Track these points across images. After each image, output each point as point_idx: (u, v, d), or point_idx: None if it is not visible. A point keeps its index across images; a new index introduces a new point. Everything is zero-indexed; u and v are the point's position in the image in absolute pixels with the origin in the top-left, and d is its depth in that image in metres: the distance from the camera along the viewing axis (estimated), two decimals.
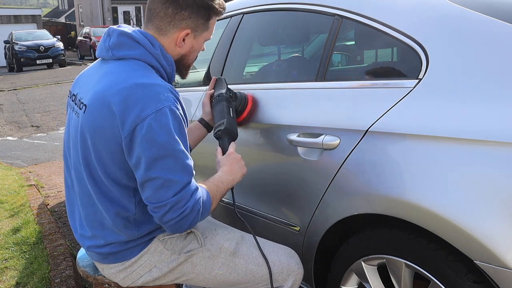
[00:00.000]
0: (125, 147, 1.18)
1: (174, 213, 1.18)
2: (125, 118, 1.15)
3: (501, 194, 1.00)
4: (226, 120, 1.54)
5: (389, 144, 1.23)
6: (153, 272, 1.36)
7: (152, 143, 1.15)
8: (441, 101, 1.17)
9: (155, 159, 1.16)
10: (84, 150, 1.26)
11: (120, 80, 1.20)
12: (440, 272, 1.15)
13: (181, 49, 1.34)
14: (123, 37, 1.27)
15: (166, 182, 1.17)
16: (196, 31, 1.32)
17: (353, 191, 1.33)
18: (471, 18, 1.23)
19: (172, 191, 1.17)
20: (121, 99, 1.16)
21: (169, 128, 1.16)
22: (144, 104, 1.15)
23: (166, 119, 1.16)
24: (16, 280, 2.34)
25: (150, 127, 1.14)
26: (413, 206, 1.15)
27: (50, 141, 6.64)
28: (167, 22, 1.28)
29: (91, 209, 1.31)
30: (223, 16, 2.15)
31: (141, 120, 1.14)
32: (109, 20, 24.57)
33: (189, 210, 1.20)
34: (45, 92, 11.17)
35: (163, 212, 1.18)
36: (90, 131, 1.23)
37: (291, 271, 1.44)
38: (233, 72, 2.05)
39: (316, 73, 1.58)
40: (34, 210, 3.42)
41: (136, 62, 1.26)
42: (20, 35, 18.00)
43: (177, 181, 1.18)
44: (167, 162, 1.16)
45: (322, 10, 1.61)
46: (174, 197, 1.17)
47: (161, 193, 1.17)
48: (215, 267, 1.39)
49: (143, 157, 1.16)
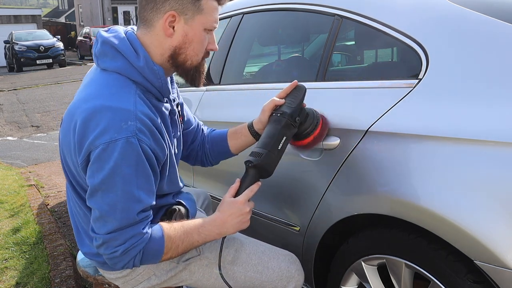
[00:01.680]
0: (82, 171, 1.14)
1: (106, 250, 1.14)
2: (82, 143, 1.10)
3: (501, 194, 1.00)
4: (267, 154, 1.25)
5: (389, 144, 1.23)
6: (152, 280, 1.35)
7: (97, 173, 1.08)
8: (441, 101, 1.17)
9: (96, 190, 1.10)
10: (65, 163, 1.26)
11: (91, 96, 1.13)
12: (440, 272, 1.15)
13: (172, 39, 1.17)
14: (106, 46, 1.17)
15: (102, 217, 1.11)
16: (185, 13, 1.15)
17: (353, 191, 1.33)
18: (471, 18, 1.23)
19: (106, 228, 1.11)
20: (82, 121, 1.09)
21: (117, 163, 1.07)
22: (101, 130, 1.07)
23: (117, 153, 1.06)
24: (16, 280, 2.34)
25: (98, 157, 1.07)
26: (413, 206, 1.15)
27: (50, 141, 6.64)
28: (150, 9, 1.15)
29: (82, 218, 1.30)
30: (223, 16, 2.16)
31: (94, 147, 1.07)
32: (109, 20, 24.57)
33: (120, 253, 1.12)
34: (45, 92, 11.17)
35: (97, 245, 1.15)
36: (62, 146, 1.22)
37: (291, 278, 1.41)
38: (233, 72, 2.05)
39: (316, 73, 1.57)
40: (34, 210, 3.42)
41: (116, 77, 1.15)
42: (20, 35, 18.00)
43: (113, 220, 1.11)
44: (108, 197, 1.09)
45: (322, 10, 1.61)
46: (107, 234, 1.11)
47: (97, 225, 1.13)
48: (213, 275, 1.37)
49: (89, 183, 1.11)
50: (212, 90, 2.06)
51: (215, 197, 2.03)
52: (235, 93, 1.92)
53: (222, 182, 1.98)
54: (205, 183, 2.11)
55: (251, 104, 1.78)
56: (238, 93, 1.90)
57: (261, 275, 1.39)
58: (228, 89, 1.98)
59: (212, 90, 2.06)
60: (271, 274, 1.38)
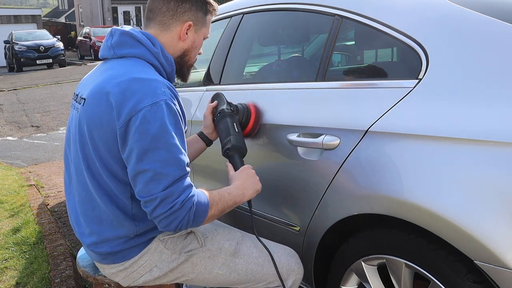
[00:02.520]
0: (119, 138, 1.19)
1: (163, 208, 1.16)
2: (121, 109, 1.17)
3: (501, 194, 1.00)
4: (232, 137, 1.50)
5: (389, 144, 1.23)
6: (154, 272, 1.36)
7: (145, 135, 1.15)
8: (441, 101, 1.17)
9: (146, 150, 1.16)
10: (83, 144, 1.27)
11: (119, 74, 1.23)
12: (440, 272, 1.15)
13: (184, 43, 1.38)
14: (125, 36, 1.32)
15: (156, 175, 1.16)
16: (197, 25, 1.38)
17: (353, 191, 1.33)
18: (471, 18, 1.23)
19: (162, 185, 1.16)
20: (119, 91, 1.19)
21: (163, 121, 1.17)
22: (140, 96, 1.17)
23: (161, 112, 1.17)
24: (16, 280, 2.34)
25: (144, 119, 1.15)
26: (413, 206, 1.15)
27: (50, 141, 6.64)
28: (170, 16, 1.34)
29: (89, 204, 1.31)
30: (223, 16, 2.16)
31: (136, 112, 1.16)
32: (109, 20, 24.57)
33: (179, 206, 1.17)
34: (45, 92, 11.16)
35: (153, 207, 1.17)
36: (88, 123, 1.25)
37: (291, 271, 1.45)
38: (233, 72, 2.05)
39: (316, 73, 1.58)
40: (34, 210, 3.42)
41: (136, 60, 1.30)
42: (20, 35, 17.99)
43: (168, 175, 1.16)
44: (159, 155, 1.16)
45: (322, 10, 1.61)
46: (163, 191, 1.16)
47: (151, 186, 1.16)
48: (215, 267, 1.39)
49: (135, 149, 1.16)
50: (212, 90, 2.06)
51: None
52: (235, 93, 1.92)
53: (222, 182, 1.98)
54: (205, 183, 2.11)
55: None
56: (238, 93, 1.90)
57: (262, 267, 1.42)
58: (228, 89, 1.98)
59: (212, 90, 2.06)
60: (272, 267, 1.41)
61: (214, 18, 2.20)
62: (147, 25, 1.38)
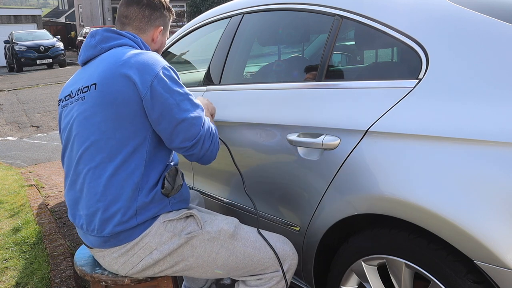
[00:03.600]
0: (146, 104, 1.33)
1: (207, 141, 1.41)
2: (141, 78, 1.32)
3: (501, 194, 1.00)
4: None
5: (389, 144, 1.23)
6: (154, 255, 1.39)
7: (170, 92, 1.34)
8: (441, 101, 1.17)
9: (177, 104, 1.35)
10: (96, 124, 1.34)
11: (121, 55, 1.38)
12: (440, 272, 1.15)
13: (155, 44, 1.59)
14: (108, 32, 1.48)
15: (192, 120, 1.37)
16: (165, 28, 1.62)
17: (353, 191, 1.33)
18: (471, 18, 1.23)
19: (199, 125, 1.38)
20: (132, 64, 1.34)
21: (175, 79, 1.38)
22: (151, 64, 1.35)
23: (170, 73, 1.38)
24: (16, 280, 2.34)
25: (163, 80, 1.34)
26: (413, 206, 1.15)
27: (50, 141, 6.64)
28: (145, 22, 1.55)
29: (96, 182, 1.35)
30: (223, 16, 2.16)
31: (154, 77, 1.33)
32: (109, 20, 24.56)
33: (216, 134, 1.46)
34: (45, 92, 11.17)
35: (200, 145, 1.40)
36: (105, 102, 1.33)
37: (286, 256, 1.49)
38: (233, 72, 2.05)
39: (316, 73, 1.57)
40: (34, 210, 3.42)
41: (125, 47, 1.45)
42: (20, 35, 17.99)
43: (198, 117, 1.39)
44: (186, 104, 1.37)
45: (322, 10, 1.61)
46: (202, 128, 1.39)
47: (193, 130, 1.37)
48: (214, 249, 1.43)
49: (166, 107, 1.33)
50: (212, 90, 2.06)
51: (214, 196, 2.03)
52: (235, 93, 1.92)
53: (222, 182, 1.99)
54: (204, 182, 2.11)
55: (251, 104, 1.78)
56: (238, 93, 1.90)
57: (259, 251, 1.46)
58: (228, 89, 1.98)
59: (212, 90, 2.06)
60: (268, 251, 1.47)
61: (214, 18, 2.21)
62: (122, 29, 1.53)
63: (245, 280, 1.51)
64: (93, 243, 1.42)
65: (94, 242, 1.42)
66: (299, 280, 1.71)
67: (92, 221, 1.37)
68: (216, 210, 2.00)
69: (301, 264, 1.62)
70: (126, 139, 1.34)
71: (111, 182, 1.33)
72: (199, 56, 2.51)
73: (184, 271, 1.45)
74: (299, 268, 1.64)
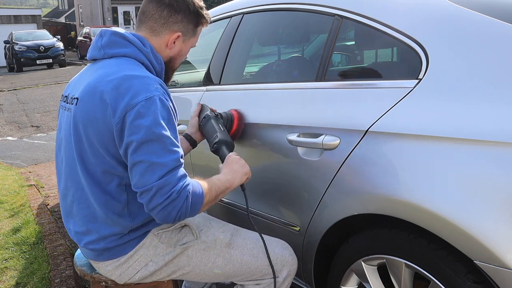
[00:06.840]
0: (116, 134, 1.21)
1: (160, 198, 1.17)
2: (116, 106, 1.19)
3: (501, 194, 1.00)
4: (219, 133, 1.58)
5: (389, 144, 1.23)
6: (149, 266, 1.37)
7: (139, 128, 1.18)
8: (441, 101, 1.17)
9: (141, 142, 1.18)
10: (78, 143, 1.28)
11: (111, 72, 1.25)
12: (440, 272, 1.15)
13: (171, 51, 1.41)
14: (115, 36, 1.35)
15: (151, 165, 1.17)
16: (186, 35, 1.41)
17: (353, 191, 1.33)
18: (471, 18, 1.23)
19: (157, 174, 1.17)
20: (112, 88, 1.21)
21: (156, 115, 1.19)
22: (134, 92, 1.20)
23: (155, 106, 1.20)
24: (16, 280, 2.34)
25: (139, 113, 1.18)
26: (413, 206, 1.15)
27: (50, 141, 6.64)
28: (161, 23, 1.36)
29: (84, 204, 1.32)
30: (223, 16, 2.16)
31: (131, 107, 1.18)
32: (109, 20, 24.56)
33: (176, 195, 1.18)
34: (45, 92, 11.16)
35: (149, 197, 1.17)
36: (83, 122, 1.26)
37: (285, 262, 1.48)
38: (233, 72, 2.05)
39: (316, 73, 1.57)
40: (34, 210, 3.42)
41: (127, 59, 1.32)
42: (20, 35, 17.98)
43: (163, 164, 1.18)
44: (153, 146, 1.18)
45: (322, 10, 1.61)
46: (159, 180, 1.16)
47: (147, 177, 1.17)
48: (210, 259, 1.41)
49: (130, 142, 1.19)
50: (212, 90, 2.06)
51: None
52: (235, 93, 1.92)
53: None
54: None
55: (251, 104, 1.78)
56: (238, 93, 1.90)
57: (256, 259, 1.44)
58: (228, 89, 1.98)
59: (212, 90, 2.06)
60: (267, 259, 1.43)
61: (214, 18, 2.21)
62: (138, 28, 1.40)
63: (243, 284, 1.50)
64: (87, 255, 1.42)
65: (87, 254, 1.41)
66: (299, 280, 1.71)
67: (82, 239, 1.36)
68: (216, 210, 2.00)
69: (301, 264, 1.62)
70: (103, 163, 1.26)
71: (100, 206, 1.29)
72: (199, 56, 2.51)
73: (183, 277, 1.44)
74: (299, 268, 1.64)
